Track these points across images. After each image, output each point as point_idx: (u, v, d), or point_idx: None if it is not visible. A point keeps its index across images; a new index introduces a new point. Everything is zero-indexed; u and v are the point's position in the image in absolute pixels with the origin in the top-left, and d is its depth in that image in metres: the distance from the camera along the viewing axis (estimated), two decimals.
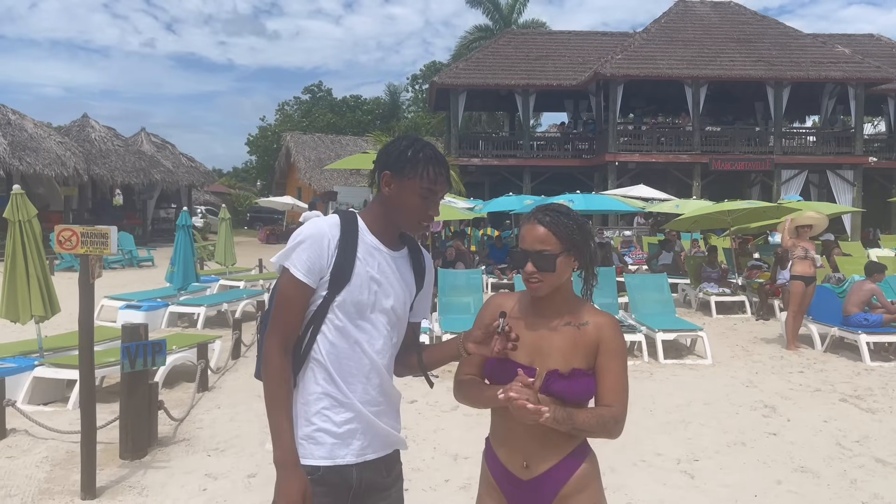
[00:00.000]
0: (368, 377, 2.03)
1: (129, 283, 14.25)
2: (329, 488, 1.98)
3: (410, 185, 2.01)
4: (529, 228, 2.07)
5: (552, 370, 2.03)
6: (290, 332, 1.99)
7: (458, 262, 13.67)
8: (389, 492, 2.12)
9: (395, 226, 2.09)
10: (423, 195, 2.01)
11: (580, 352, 2.05)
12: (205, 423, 5.87)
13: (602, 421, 2.00)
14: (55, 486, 4.49)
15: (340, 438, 2.00)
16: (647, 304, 9.82)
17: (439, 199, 2.08)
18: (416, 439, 5.43)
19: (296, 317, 1.98)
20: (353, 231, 2.02)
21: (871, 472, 4.91)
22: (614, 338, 2.07)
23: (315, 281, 1.97)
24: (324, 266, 1.97)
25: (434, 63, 50.14)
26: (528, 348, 2.06)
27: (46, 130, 24.11)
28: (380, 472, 2.08)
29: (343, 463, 2.00)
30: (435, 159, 2.03)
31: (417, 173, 2.00)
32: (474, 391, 2.13)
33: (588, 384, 2.04)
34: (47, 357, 6.49)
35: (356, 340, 2.01)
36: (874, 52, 28.84)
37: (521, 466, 2.06)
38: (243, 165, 63.69)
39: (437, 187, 2.03)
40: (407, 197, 2.01)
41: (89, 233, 4.36)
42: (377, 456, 2.07)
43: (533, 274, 2.03)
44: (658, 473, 4.85)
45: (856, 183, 25.74)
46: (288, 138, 41.53)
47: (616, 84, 25.06)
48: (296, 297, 1.97)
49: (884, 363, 8.45)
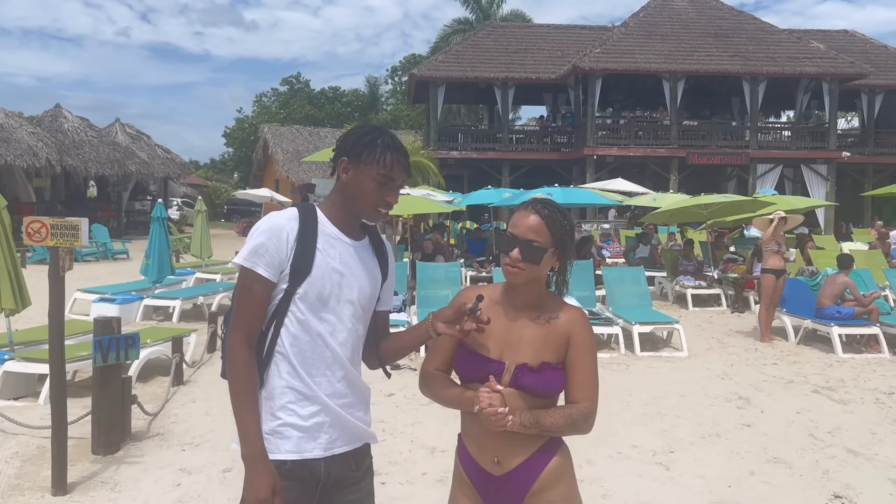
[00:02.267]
0: (332, 369, 2.02)
1: (104, 276, 14.05)
2: (297, 482, 1.97)
3: (367, 170, 1.99)
4: (524, 216, 2.05)
5: (521, 364, 2.02)
6: (252, 328, 1.97)
7: (437, 255, 13.64)
8: (359, 485, 2.11)
9: (353, 214, 2.07)
10: (381, 181, 2.00)
11: (550, 346, 2.04)
12: (179, 417, 5.81)
13: (571, 420, 2.00)
14: (25, 482, 4.42)
15: (307, 432, 1.99)
16: (624, 296, 9.87)
17: (397, 186, 2.05)
18: (393, 432, 5.42)
19: (257, 312, 1.97)
20: (313, 222, 2.01)
21: (842, 463, 4.99)
22: (584, 332, 2.06)
23: (275, 275, 1.96)
24: (283, 259, 1.96)
25: (413, 55, 49.98)
26: (497, 341, 2.06)
27: (18, 121, 23.67)
28: (349, 465, 2.07)
29: (311, 457, 1.99)
30: (393, 146, 2.02)
31: (374, 159, 1.98)
32: (440, 389, 2.13)
33: (557, 378, 2.03)
34: (18, 351, 6.36)
35: (319, 333, 1.99)
36: (848, 47, 29.20)
37: (492, 462, 2.06)
38: (220, 157, 63.08)
39: (395, 174, 2.01)
40: (364, 183, 2.00)
41: (59, 224, 4.28)
42: (346, 449, 2.06)
43: (517, 262, 2.01)
44: (634, 465, 4.88)
45: (829, 177, 26.09)
46: (265, 130, 41.16)
47: (594, 78, 25.14)
48: (256, 293, 1.96)
49: (855, 355, 8.58)
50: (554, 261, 2.07)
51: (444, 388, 2.12)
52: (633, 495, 4.38)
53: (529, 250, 2.01)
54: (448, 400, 2.11)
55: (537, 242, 2.00)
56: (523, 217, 2.05)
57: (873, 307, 8.91)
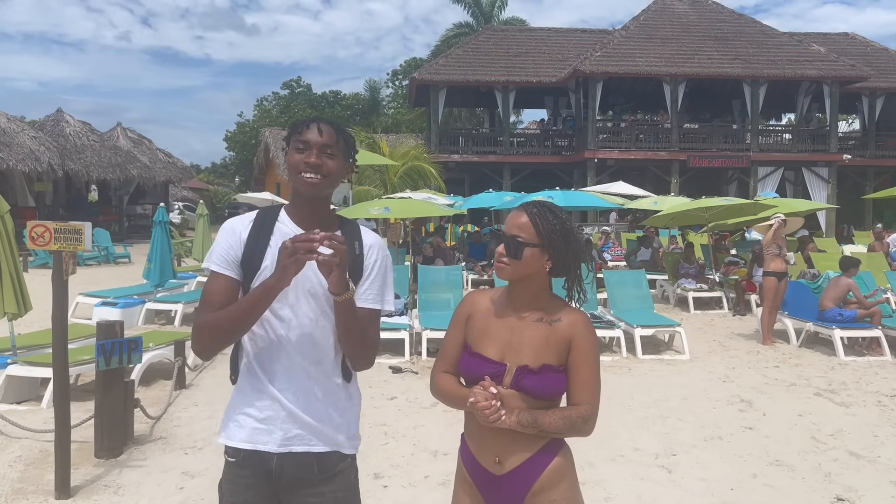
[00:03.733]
0: (288, 365, 2.03)
1: (106, 280, 14.07)
2: (252, 471, 2.04)
3: (292, 146, 2.05)
4: (514, 215, 2.12)
5: (522, 366, 2.05)
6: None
7: (436, 258, 13.65)
8: (321, 490, 2.05)
9: (302, 199, 2.08)
10: (299, 148, 2.03)
11: (552, 348, 2.06)
12: (182, 420, 5.81)
13: (570, 422, 2.02)
14: (29, 486, 4.42)
15: (262, 423, 2.03)
16: (625, 300, 9.88)
17: (318, 149, 2.00)
18: (395, 436, 5.42)
19: (217, 306, 1.98)
20: (270, 221, 2.08)
21: (844, 466, 4.98)
22: (586, 335, 2.08)
23: (232, 270, 2.03)
24: (237, 255, 2.03)
25: (414, 59, 50.05)
26: (499, 343, 2.09)
27: (20, 125, 23.71)
28: (310, 467, 2.04)
29: (263, 449, 2.02)
30: (310, 119, 2.07)
31: (295, 133, 2.04)
32: (448, 389, 2.16)
33: (558, 381, 2.05)
34: (21, 355, 6.38)
35: (273, 327, 2.02)
36: (849, 50, 29.22)
37: (493, 462, 2.08)
38: (221, 161, 63.19)
39: (309, 135, 2.01)
40: (291, 158, 2.04)
41: (62, 229, 4.29)
42: (305, 449, 2.04)
43: (501, 256, 2.08)
44: (636, 468, 4.88)
45: (830, 180, 26.08)
46: (267, 134, 41.19)
47: (595, 81, 25.16)
48: (215, 287, 2.01)
49: (857, 358, 8.57)
50: (545, 260, 2.08)
51: (449, 388, 2.15)
52: (635, 498, 4.38)
53: (511, 244, 2.07)
54: (451, 399, 2.15)
55: (521, 238, 2.06)
56: (513, 216, 2.13)
57: (875, 310, 8.90)
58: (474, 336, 2.15)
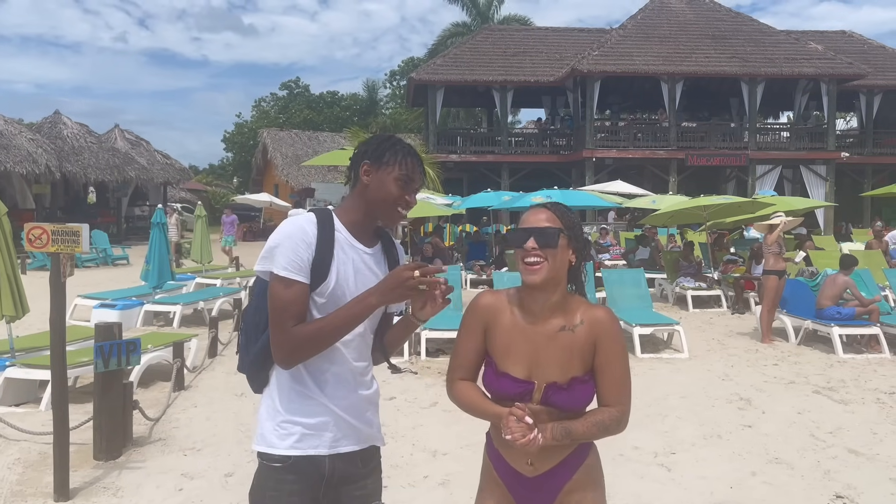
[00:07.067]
0: (338, 372, 2.05)
1: (104, 282, 14.06)
2: (299, 476, 2.02)
3: (389, 171, 2.05)
4: (532, 212, 2.09)
5: (550, 383, 2.02)
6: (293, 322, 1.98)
7: (435, 258, 13.65)
8: (365, 482, 2.15)
9: (372, 218, 2.10)
10: (402, 181, 2.05)
11: (576, 357, 2.04)
12: (181, 422, 5.81)
13: (602, 426, 2.02)
14: (28, 489, 4.42)
15: (311, 430, 2.02)
16: (624, 298, 9.88)
17: (415, 188, 2.10)
18: (394, 436, 5.42)
19: (294, 319, 1.94)
20: (330, 227, 2.03)
21: (844, 463, 4.99)
22: (612, 334, 2.05)
23: (305, 276, 1.96)
24: (306, 261, 1.96)
25: (412, 59, 50.06)
26: (524, 361, 2.06)
27: (17, 127, 23.70)
28: (355, 463, 2.11)
29: (315, 453, 2.03)
30: (413, 152, 2.10)
31: (396, 161, 2.05)
32: (474, 403, 2.11)
33: (586, 391, 2.05)
34: (19, 357, 6.37)
35: None
36: (846, 48, 29.25)
37: (525, 464, 2.08)
38: (220, 162, 63.11)
39: (415, 175, 2.07)
40: (386, 184, 2.04)
41: (60, 230, 4.29)
42: (352, 449, 2.09)
43: (534, 250, 2.00)
44: (635, 467, 4.88)
45: (828, 178, 26.13)
46: (265, 135, 41.19)
47: (593, 80, 25.18)
48: (292, 296, 1.94)
49: (856, 355, 8.58)
50: (570, 253, 2.06)
51: (475, 401, 2.11)
52: (634, 497, 4.38)
53: (544, 235, 2.01)
54: (478, 414, 2.12)
55: (550, 227, 2.02)
56: (531, 213, 2.09)
57: (874, 307, 8.91)
58: (498, 352, 2.10)
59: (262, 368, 2.07)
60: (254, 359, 2.07)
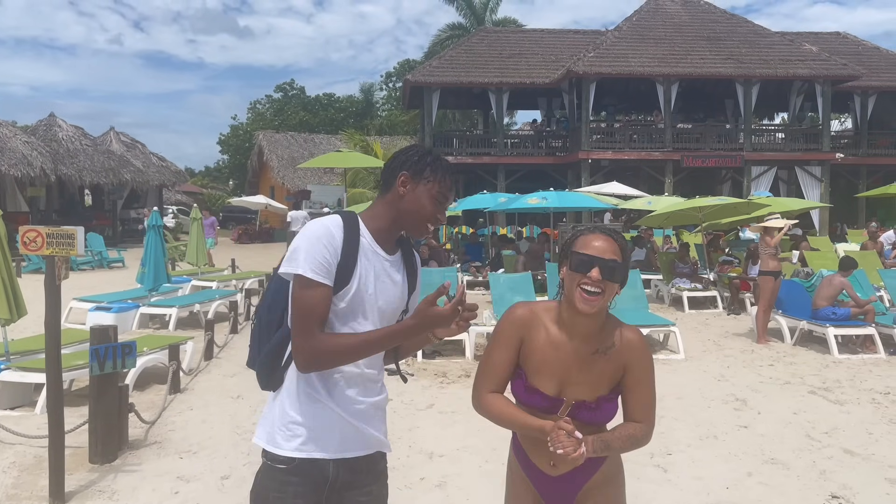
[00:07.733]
0: (350, 379, 2.05)
1: (99, 285, 14.01)
2: (303, 478, 2.02)
3: (428, 188, 2.06)
4: (596, 238, 2.06)
5: (579, 401, 2.10)
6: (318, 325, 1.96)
7: (431, 260, 13.66)
8: (370, 488, 2.16)
9: (398, 227, 2.11)
10: (438, 199, 2.07)
11: (607, 378, 2.13)
12: (177, 425, 5.80)
13: (634, 440, 2.15)
14: (23, 492, 4.41)
15: (317, 433, 2.02)
16: (620, 299, 9.34)
17: (447, 206, 2.13)
18: (391, 438, 5.39)
19: (319, 323, 1.94)
20: (356, 233, 2.02)
21: (839, 463, 5.00)
22: (642, 358, 2.16)
23: (330, 279, 1.94)
24: (334, 263, 1.95)
25: (408, 61, 50.13)
26: (556, 378, 2.12)
27: (12, 130, 23.63)
28: (360, 469, 2.11)
29: (319, 457, 2.02)
30: (451, 170, 2.11)
31: (436, 178, 2.07)
32: (511, 416, 2.14)
33: (611, 409, 2.16)
34: (14, 360, 6.35)
35: None
36: (841, 49, 29.33)
37: (548, 465, 2.15)
38: (215, 165, 63.03)
39: (450, 195, 2.10)
40: (422, 198, 2.06)
41: (55, 233, 4.28)
42: (358, 454, 2.09)
43: (597, 282, 2.01)
44: (632, 468, 4.85)
45: (823, 179, 26.18)
46: (260, 137, 41.20)
47: (589, 82, 25.20)
48: (316, 299, 1.92)
49: (851, 356, 8.60)
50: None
51: (512, 414, 2.14)
52: (631, 498, 4.35)
53: (610, 269, 2.01)
54: (515, 426, 2.17)
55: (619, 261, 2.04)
56: (597, 238, 2.06)
57: (869, 308, 8.94)
58: (530, 367, 2.14)
59: (274, 367, 2.06)
60: (265, 357, 2.07)
